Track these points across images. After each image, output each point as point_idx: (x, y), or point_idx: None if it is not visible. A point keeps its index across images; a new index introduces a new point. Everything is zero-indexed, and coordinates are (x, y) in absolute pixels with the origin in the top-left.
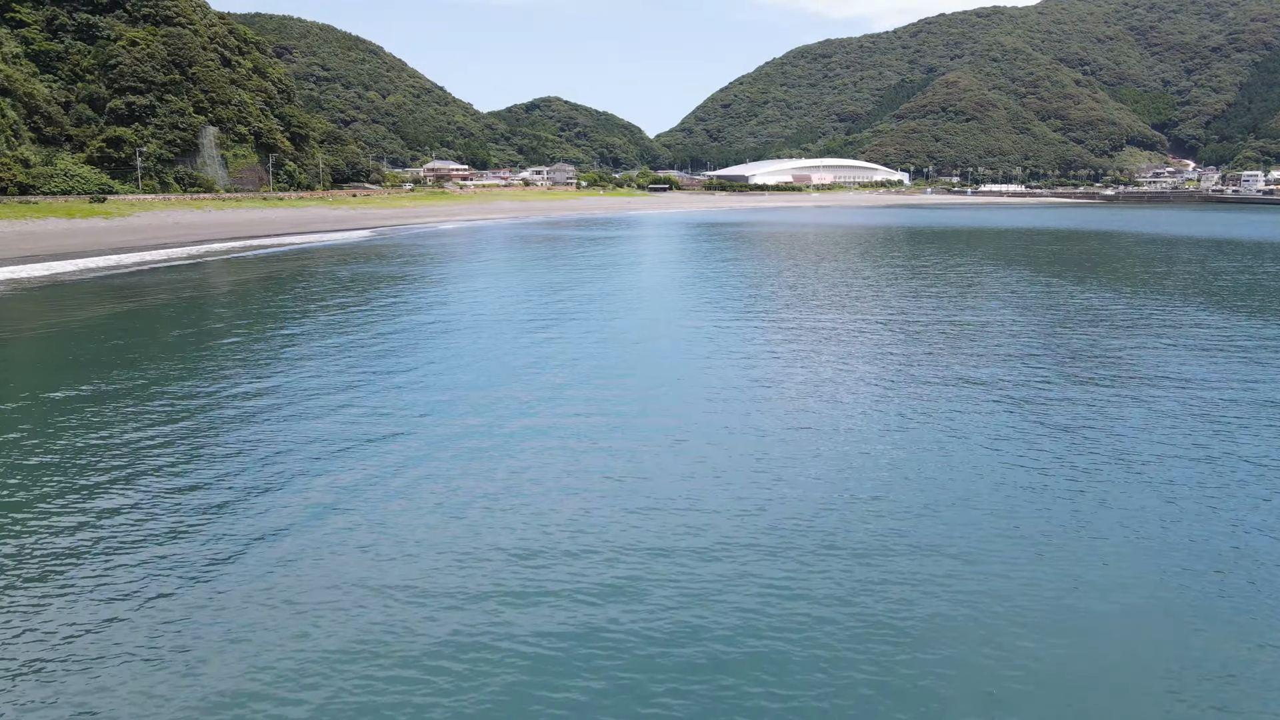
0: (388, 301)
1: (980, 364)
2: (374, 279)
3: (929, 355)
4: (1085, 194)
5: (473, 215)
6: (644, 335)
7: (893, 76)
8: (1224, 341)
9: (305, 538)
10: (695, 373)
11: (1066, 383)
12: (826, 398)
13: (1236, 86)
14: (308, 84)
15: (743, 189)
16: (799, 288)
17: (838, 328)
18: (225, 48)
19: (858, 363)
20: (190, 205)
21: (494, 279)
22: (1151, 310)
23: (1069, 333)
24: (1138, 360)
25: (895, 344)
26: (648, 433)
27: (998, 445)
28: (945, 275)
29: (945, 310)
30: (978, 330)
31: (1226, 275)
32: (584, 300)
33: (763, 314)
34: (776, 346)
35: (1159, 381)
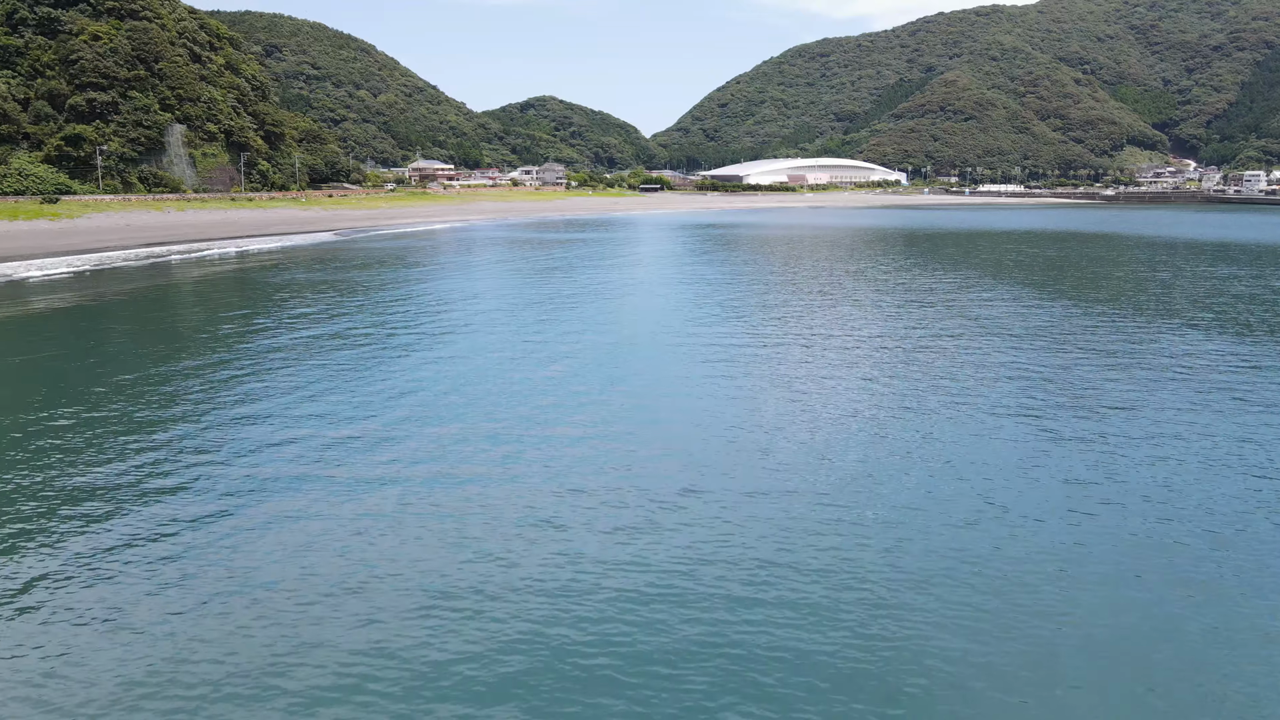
0: (294, 317)
1: (958, 407)
2: (302, 287)
3: (893, 395)
4: (1085, 194)
5: (449, 217)
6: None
7: (891, 76)
8: (1239, 373)
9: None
10: (619, 421)
11: (1065, 425)
12: (793, 439)
13: (1238, 85)
14: (297, 82)
15: (735, 189)
16: (749, 305)
17: (799, 357)
18: (195, 43)
19: (814, 401)
20: (150, 206)
21: (427, 285)
22: (1155, 335)
23: (1065, 371)
24: (1140, 400)
25: (858, 381)
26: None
27: (994, 472)
28: (928, 291)
29: (921, 346)
30: (954, 374)
31: (1236, 286)
32: (514, 308)
33: (697, 342)
34: (720, 382)
35: (1166, 420)
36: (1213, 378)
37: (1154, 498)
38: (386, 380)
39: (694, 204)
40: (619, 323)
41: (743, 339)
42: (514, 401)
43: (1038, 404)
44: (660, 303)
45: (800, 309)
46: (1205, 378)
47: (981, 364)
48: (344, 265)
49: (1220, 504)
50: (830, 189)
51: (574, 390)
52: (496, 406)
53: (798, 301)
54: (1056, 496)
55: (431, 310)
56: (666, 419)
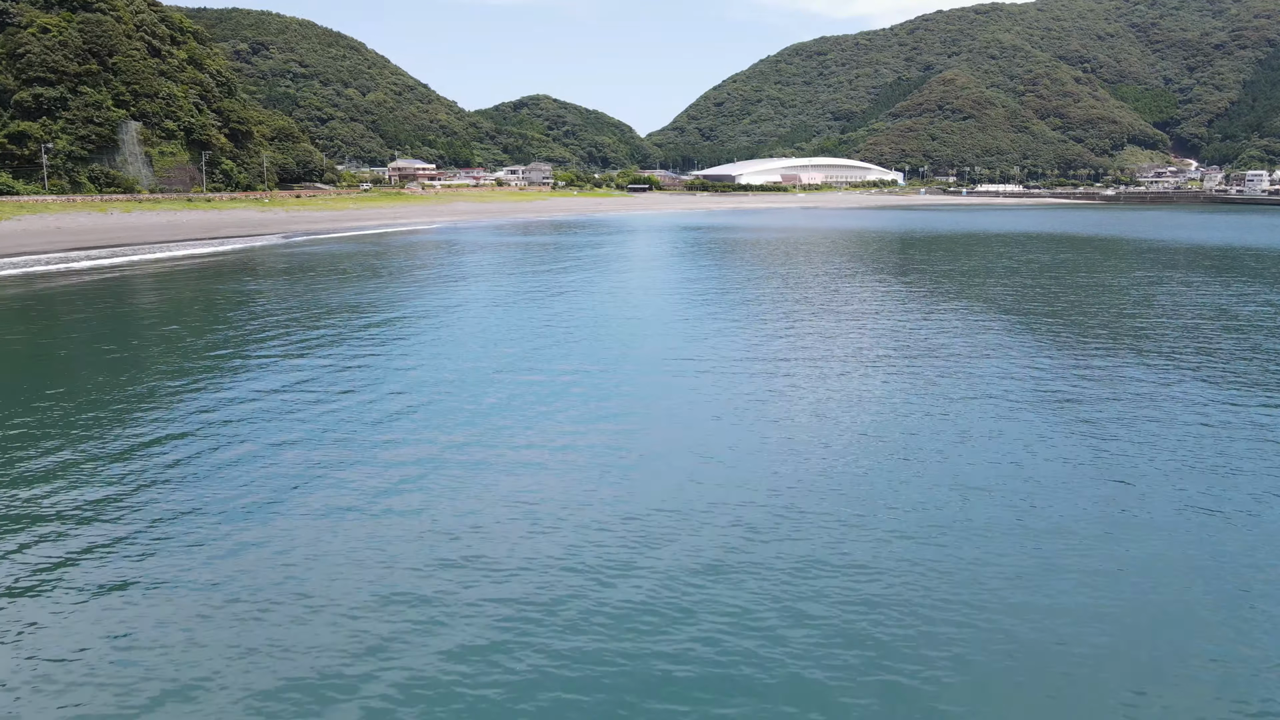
0: (157, 345)
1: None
2: (200, 303)
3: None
4: (1085, 194)
5: (418, 218)
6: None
7: (889, 74)
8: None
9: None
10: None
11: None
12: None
13: (1240, 84)
14: (284, 81)
15: (726, 189)
16: (698, 325)
17: (753, 383)
18: (154, 36)
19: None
20: (93, 208)
21: (339, 295)
22: (1153, 385)
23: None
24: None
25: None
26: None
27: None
28: (901, 310)
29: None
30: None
31: (1246, 306)
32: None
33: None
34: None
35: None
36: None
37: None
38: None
39: (681, 205)
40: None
41: (694, 364)
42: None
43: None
44: (599, 325)
45: (752, 329)
46: (1213, 437)
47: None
48: (255, 275)
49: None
50: (825, 189)
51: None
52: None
53: (747, 320)
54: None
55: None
56: (649, 446)
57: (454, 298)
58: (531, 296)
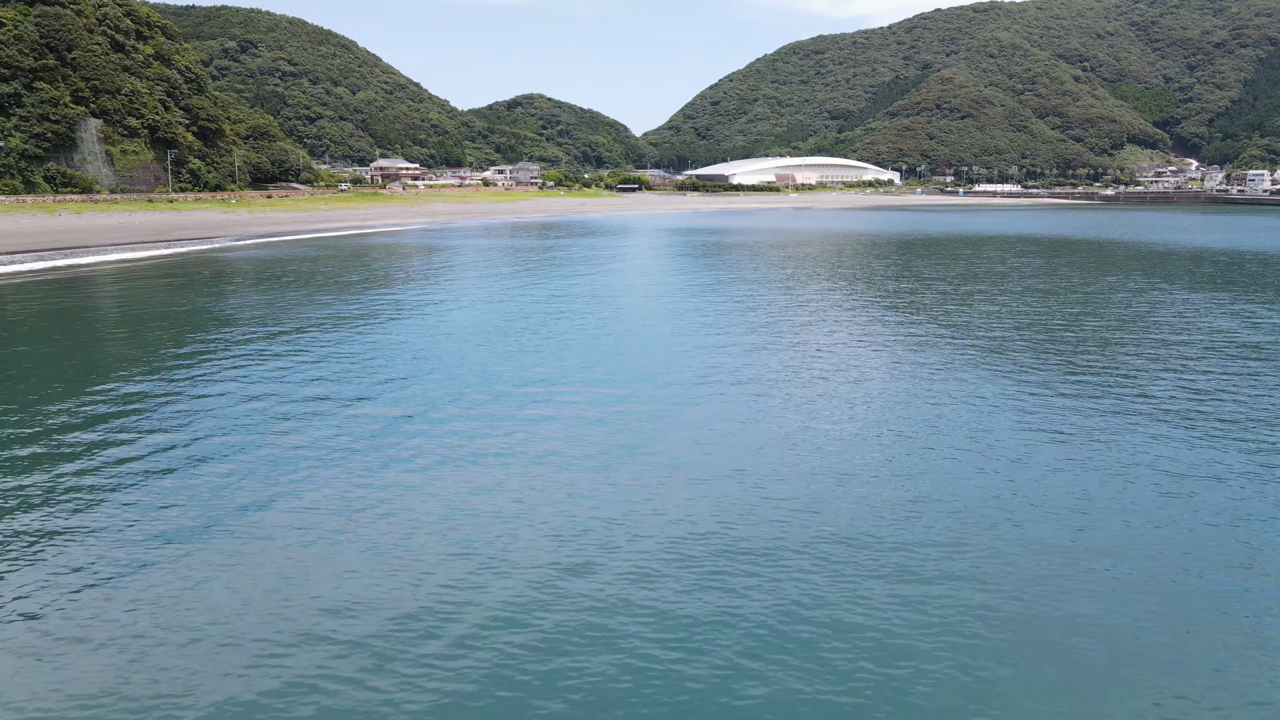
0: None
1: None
2: (78, 315)
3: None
4: (1084, 194)
5: (393, 219)
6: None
7: (886, 73)
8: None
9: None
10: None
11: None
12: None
13: (1240, 83)
14: (272, 79)
15: (717, 189)
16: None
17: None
18: (118, 31)
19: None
20: (41, 209)
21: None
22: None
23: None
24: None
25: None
26: None
27: None
28: (865, 330)
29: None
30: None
31: (1259, 332)
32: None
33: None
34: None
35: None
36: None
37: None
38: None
39: (669, 205)
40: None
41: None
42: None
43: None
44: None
45: (697, 344)
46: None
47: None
48: (176, 282)
49: None
50: (819, 189)
51: None
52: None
53: (696, 335)
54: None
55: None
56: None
57: (373, 308)
58: (462, 305)
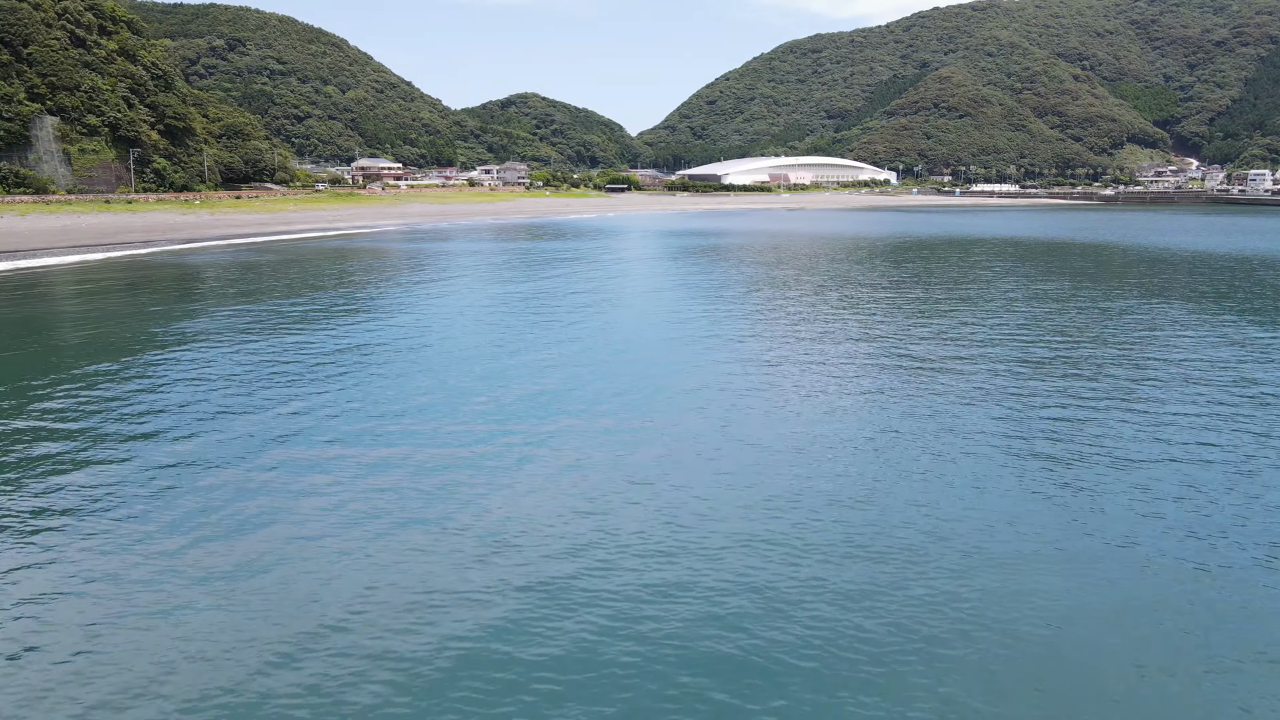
0: None
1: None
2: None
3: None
4: (1083, 194)
5: (363, 221)
6: None
7: (884, 72)
8: None
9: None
10: None
11: None
12: None
13: (1241, 82)
14: (260, 78)
15: (708, 189)
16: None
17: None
18: (79, 25)
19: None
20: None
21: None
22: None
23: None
24: None
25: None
26: None
27: None
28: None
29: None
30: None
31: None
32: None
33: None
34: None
35: None
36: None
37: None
38: None
39: (657, 205)
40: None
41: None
42: None
43: None
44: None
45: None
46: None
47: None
48: (83, 289)
49: None
50: (813, 189)
51: None
52: None
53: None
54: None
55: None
56: None
57: (256, 319)
58: (364, 314)
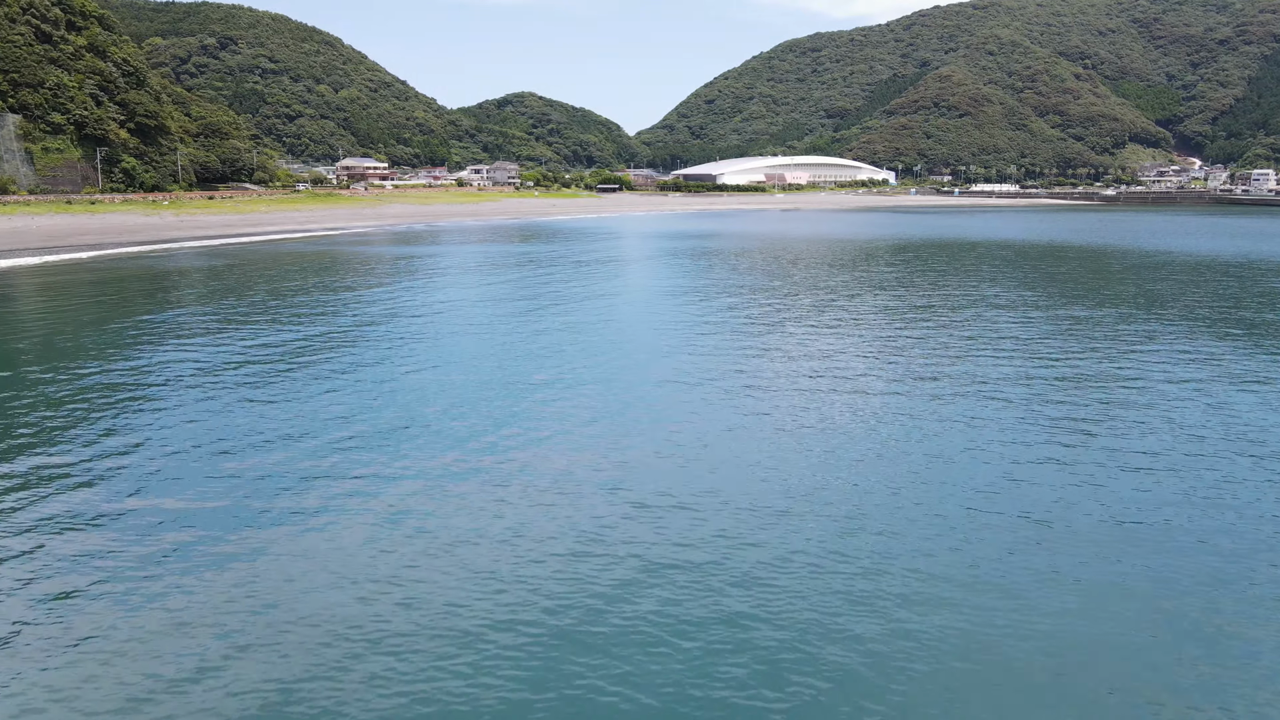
0: None
1: None
2: None
3: None
4: (1084, 194)
5: (333, 223)
6: None
7: (884, 71)
8: None
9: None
10: None
11: None
12: None
13: (1245, 81)
14: (252, 77)
15: (701, 189)
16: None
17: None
18: (44, 20)
19: None
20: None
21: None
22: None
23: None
24: None
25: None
26: None
27: None
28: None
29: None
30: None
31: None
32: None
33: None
34: None
35: None
36: None
37: None
38: None
39: (647, 206)
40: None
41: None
42: None
43: None
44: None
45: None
46: None
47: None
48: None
49: None
50: (809, 189)
51: None
52: None
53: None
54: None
55: None
56: None
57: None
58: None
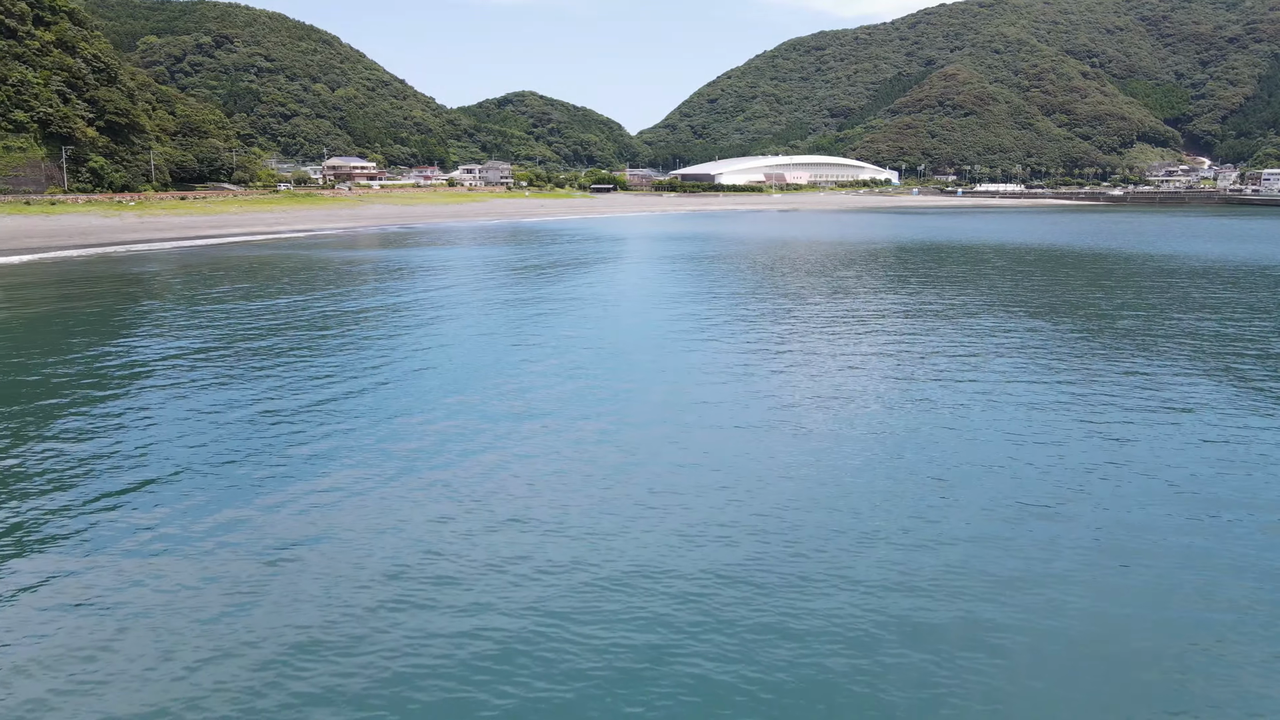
0: None
1: None
2: None
3: None
4: (1090, 195)
5: (304, 225)
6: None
7: (889, 69)
8: None
9: None
10: None
11: None
12: None
13: (1255, 79)
14: (247, 75)
15: (696, 189)
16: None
17: None
18: (9, 14)
19: None
20: None
21: None
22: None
23: None
24: None
25: None
26: None
27: None
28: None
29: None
30: None
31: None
32: None
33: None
34: None
35: None
36: None
37: None
38: None
39: (638, 207)
40: None
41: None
42: None
43: None
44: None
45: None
46: None
47: None
48: None
49: None
50: (808, 189)
51: None
52: None
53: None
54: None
55: None
56: None
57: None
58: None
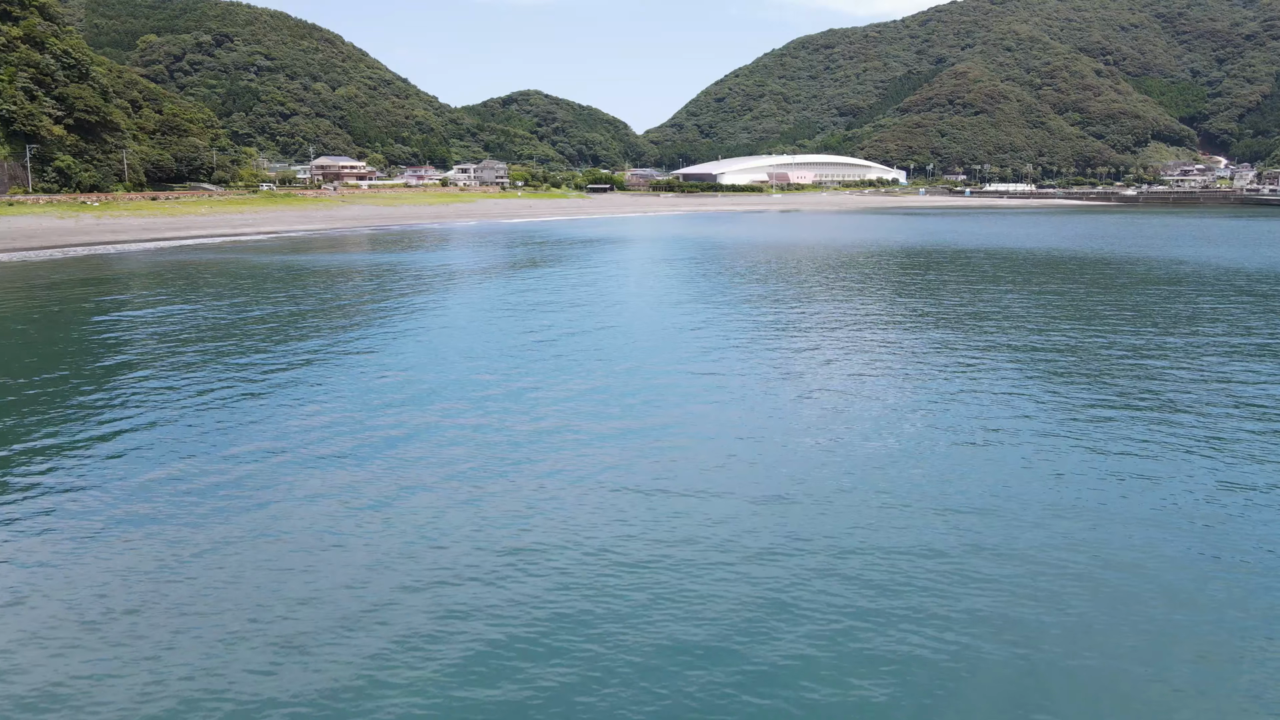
0: None
1: None
2: None
3: None
4: (1102, 195)
5: (274, 226)
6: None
7: (899, 68)
8: None
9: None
10: None
11: None
12: None
13: (1273, 76)
14: (247, 74)
15: (696, 189)
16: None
17: None
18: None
19: None
20: None
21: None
22: None
23: None
24: None
25: None
26: None
27: None
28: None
29: None
30: None
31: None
32: None
33: None
34: None
35: None
36: None
37: None
38: None
39: (632, 208)
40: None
41: None
42: None
43: None
44: None
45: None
46: None
47: None
48: None
49: None
50: (812, 189)
51: None
52: None
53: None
54: None
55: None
56: None
57: None
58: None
